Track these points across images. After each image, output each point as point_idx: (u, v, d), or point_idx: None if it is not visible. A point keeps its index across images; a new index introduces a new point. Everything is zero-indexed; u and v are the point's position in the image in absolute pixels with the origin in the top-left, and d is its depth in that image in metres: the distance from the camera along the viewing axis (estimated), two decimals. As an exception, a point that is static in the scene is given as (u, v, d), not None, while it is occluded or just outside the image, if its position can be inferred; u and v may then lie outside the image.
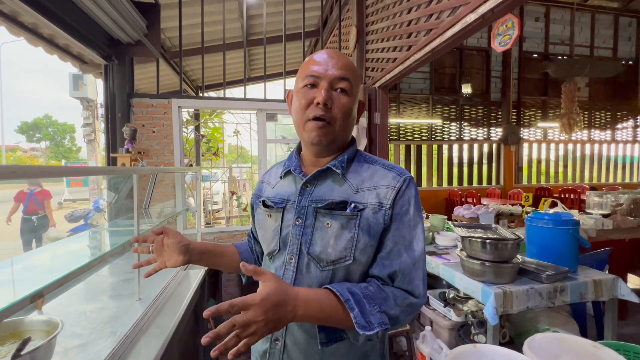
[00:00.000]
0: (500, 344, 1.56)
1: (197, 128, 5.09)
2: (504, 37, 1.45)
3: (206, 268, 1.94)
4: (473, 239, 1.50)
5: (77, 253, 1.48)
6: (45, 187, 5.17)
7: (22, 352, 0.70)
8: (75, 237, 2.43)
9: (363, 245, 0.64)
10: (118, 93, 2.61)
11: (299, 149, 0.76)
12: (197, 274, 1.87)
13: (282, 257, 0.68)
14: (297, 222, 0.68)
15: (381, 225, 0.64)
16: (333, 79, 0.65)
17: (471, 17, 1.47)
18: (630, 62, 6.76)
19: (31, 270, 1.04)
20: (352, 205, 0.64)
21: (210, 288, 2.57)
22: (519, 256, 1.54)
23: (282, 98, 3.50)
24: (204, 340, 0.45)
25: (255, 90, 8.96)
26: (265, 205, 0.75)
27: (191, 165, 4.47)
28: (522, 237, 1.52)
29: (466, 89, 5.67)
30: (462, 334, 1.76)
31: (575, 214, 2.53)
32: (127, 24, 2.23)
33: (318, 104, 0.64)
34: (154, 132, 2.81)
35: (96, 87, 8.02)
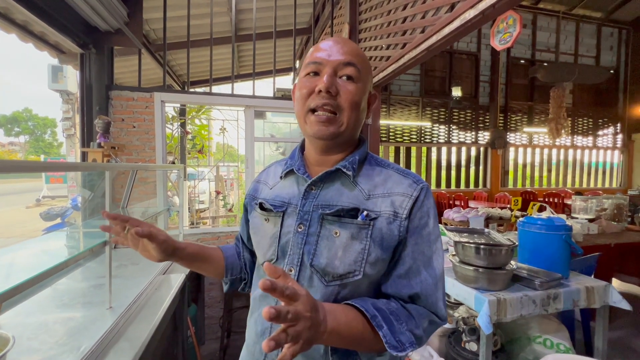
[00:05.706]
0: (492, 352, 1.53)
1: (182, 124, 4.92)
2: (504, 35, 1.41)
3: (187, 272, 1.84)
4: (467, 244, 1.45)
5: (43, 255, 1.35)
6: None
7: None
8: (47, 237, 2.27)
9: (374, 258, 0.56)
10: (95, 84, 2.45)
11: (302, 148, 0.69)
12: (177, 277, 1.75)
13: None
14: (299, 229, 0.60)
15: (396, 238, 0.57)
16: (337, 65, 0.58)
17: (470, 13, 1.42)
18: (612, 71, 6.98)
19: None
20: (364, 213, 0.57)
21: (192, 292, 2.45)
22: (512, 262, 1.50)
23: (272, 95, 3.40)
24: (269, 344, 0.37)
25: (243, 89, 8.85)
26: (262, 208, 0.67)
27: (173, 163, 4.30)
28: (516, 243, 1.49)
29: (456, 92, 5.71)
30: (452, 341, 1.71)
31: (564, 218, 2.53)
32: (106, 10, 2.09)
33: (320, 91, 0.57)
34: (134, 127, 2.66)
35: (77, 80, 7.71)
